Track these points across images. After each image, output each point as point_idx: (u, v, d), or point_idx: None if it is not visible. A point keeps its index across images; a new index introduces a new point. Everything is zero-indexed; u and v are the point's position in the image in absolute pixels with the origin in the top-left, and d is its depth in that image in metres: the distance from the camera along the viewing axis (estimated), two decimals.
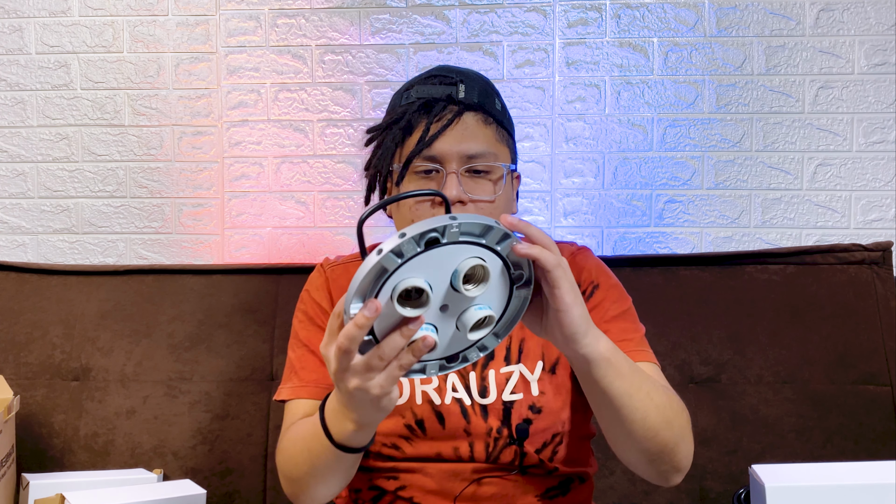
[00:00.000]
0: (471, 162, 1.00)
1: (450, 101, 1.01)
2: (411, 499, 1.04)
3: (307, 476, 0.94)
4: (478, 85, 1.04)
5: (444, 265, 0.69)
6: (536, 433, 1.02)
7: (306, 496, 0.98)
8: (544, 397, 1.03)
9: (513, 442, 1.02)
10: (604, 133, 1.73)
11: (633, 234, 1.72)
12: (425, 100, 1.02)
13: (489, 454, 1.02)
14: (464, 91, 1.02)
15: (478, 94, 1.03)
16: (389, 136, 1.04)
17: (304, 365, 1.07)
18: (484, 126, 1.02)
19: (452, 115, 1.00)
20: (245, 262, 1.74)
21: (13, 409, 1.36)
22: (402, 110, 1.04)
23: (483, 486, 1.03)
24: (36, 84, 1.78)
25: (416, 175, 1.01)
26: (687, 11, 1.71)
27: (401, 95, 1.07)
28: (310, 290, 1.13)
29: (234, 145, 1.77)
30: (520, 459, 1.02)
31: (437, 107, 1.01)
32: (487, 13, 1.73)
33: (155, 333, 1.56)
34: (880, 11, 1.68)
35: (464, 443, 1.02)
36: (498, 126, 1.04)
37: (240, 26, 1.76)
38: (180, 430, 1.50)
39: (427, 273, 0.69)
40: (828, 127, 1.70)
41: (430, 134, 0.99)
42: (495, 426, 1.02)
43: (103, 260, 1.79)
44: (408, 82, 1.09)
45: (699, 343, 1.50)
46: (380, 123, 1.08)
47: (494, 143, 1.02)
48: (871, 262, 1.52)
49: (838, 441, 1.44)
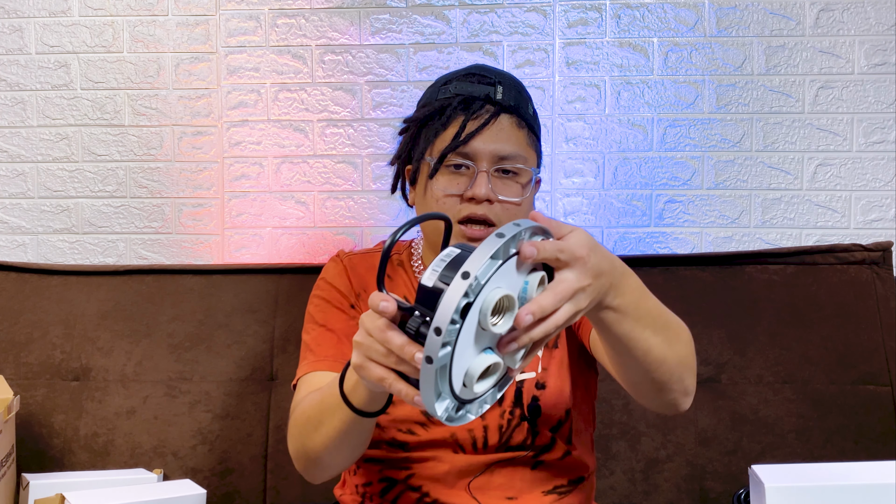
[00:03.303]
0: (502, 163, 1.02)
1: (487, 101, 1.03)
2: (420, 488, 1.05)
3: (320, 445, 0.93)
4: (514, 88, 1.07)
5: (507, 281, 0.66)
6: (547, 409, 1.04)
7: (318, 467, 0.97)
8: (547, 373, 1.06)
9: (524, 419, 1.03)
10: (604, 133, 1.73)
11: (633, 234, 1.72)
12: (464, 97, 1.03)
13: (502, 434, 1.03)
14: (502, 92, 1.04)
15: (514, 97, 1.05)
16: (427, 129, 1.05)
17: (320, 343, 1.07)
18: (518, 129, 1.04)
19: (489, 115, 1.02)
20: (245, 262, 1.74)
21: (13, 409, 1.36)
22: (439, 104, 1.05)
23: (493, 476, 1.04)
24: (36, 84, 1.78)
25: (447, 169, 1.03)
26: (687, 11, 1.71)
27: (437, 89, 1.08)
28: (326, 278, 1.14)
29: (234, 145, 1.77)
30: (532, 438, 1.03)
31: (475, 105, 1.03)
32: (487, 13, 1.73)
33: (155, 333, 1.56)
34: (880, 11, 1.68)
35: (478, 427, 1.04)
36: (529, 130, 1.06)
37: (240, 26, 1.76)
38: (180, 430, 1.50)
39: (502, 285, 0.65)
40: (828, 127, 1.70)
41: (467, 132, 1.01)
42: (508, 408, 1.04)
43: (103, 260, 1.79)
44: (445, 76, 1.10)
45: (699, 343, 1.48)
46: (415, 114, 1.09)
47: (526, 147, 1.05)
48: (871, 262, 1.52)
49: (838, 441, 1.43)
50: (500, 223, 1.02)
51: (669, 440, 1.45)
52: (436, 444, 1.04)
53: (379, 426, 1.05)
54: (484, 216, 1.02)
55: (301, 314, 1.16)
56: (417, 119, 1.08)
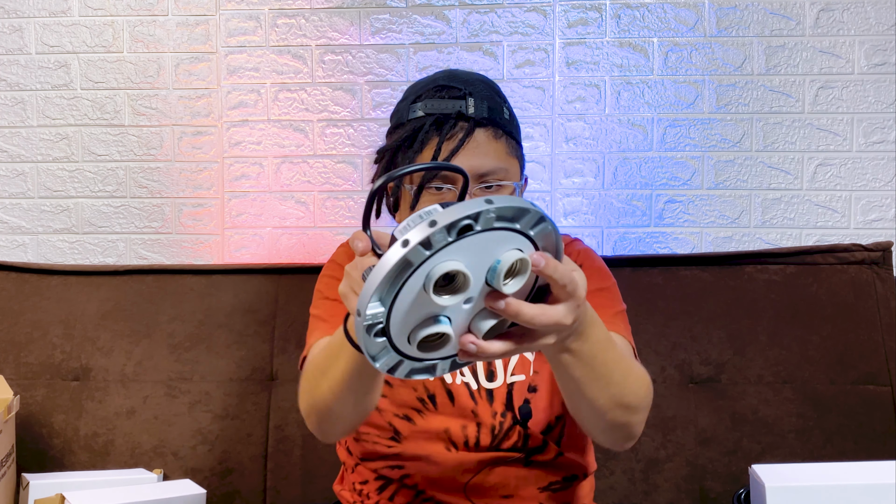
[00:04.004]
0: (483, 180, 1.00)
1: (460, 118, 1.00)
2: (416, 486, 1.05)
3: (328, 390, 0.92)
4: (486, 96, 1.03)
5: (477, 254, 0.62)
6: (538, 413, 1.04)
7: (328, 419, 0.96)
8: (539, 376, 1.06)
9: (516, 423, 1.03)
10: (604, 133, 1.73)
11: (633, 234, 1.72)
12: (435, 116, 1.01)
13: (494, 437, 1.04)
14: (474, 105, 1.01)
15: (487, 107, 1.02)
16: (400, 156, 1.03)
17: (332, 312, 1.08)
18: (495, 141, 1.01)
19: (464, 133, 1.00)
20: (245, 262, 1.74)
21: (13, 409, 1.37)
22: (411, 127, 1.02)
23: (488, 476, 1.04)
24: (36, 84, 1.78)
25: (428, 191, 1.01)
26: (687, 11, 1.71)
27: (408, 107, 1.05)
28: (336, 260, 1.16)
29: (234, 145, 1.77)
30: (523, 441, 1.03)
31: (447, 125, 1.00)
32: (487, 13, 1.73)
33: (155, 333, 1.56)
34: (880, 11, 1.68)
35: (471, 423, 1.04)
36: (508, 137, 1.03)
37: (240, 26, 1.76)
38: (180, 430, 1.50)
39: (461, 259, 0.62)
40: (828, 127, 1.70)
41: (443, 156, 0.99)
42: (500, 410, 1.04)
43: (103, 260, 1.79)
44: (414, 89, 1.07)
45: (699, 343, 1.50)
46: (389, 143, 1.06)
47: (505, 158, 1.02)
48: (871, 262, 1.52)
49: (838, 441, 1.44)
50: None
51: (669, 440, 1.45)
52: (430, 435, 1.04)
53: (378, 409, 1.05)
54: None
55: (301, 314, 1.16)
56: (391, 147, 1.05)
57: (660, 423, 1.47)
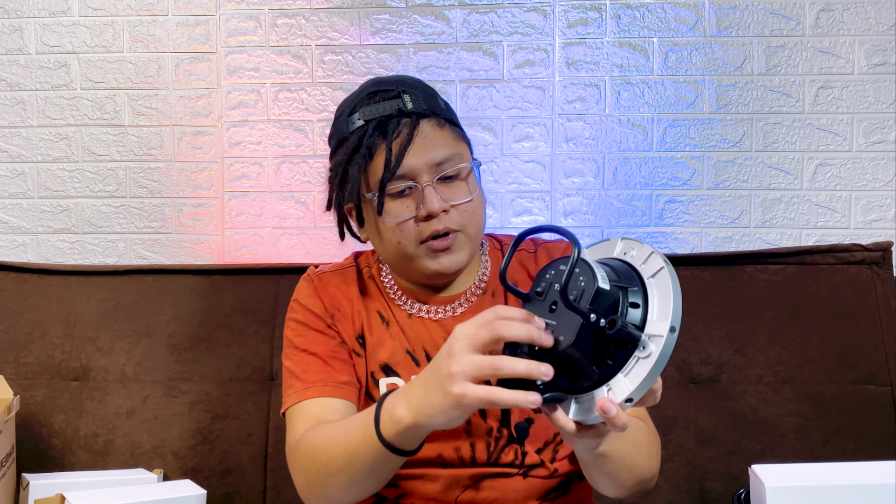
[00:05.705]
0: (441, 169, 1.00)
1: (401, 115, 1.00)
2: None
3: (347, 483, 0.91)
4: (420, 90, 1.04)
5: None
6: (537, 431, 1.03)
7: (324, 497, 0.95)
8: None
9: (512, 441, 1.02)
10: (604, 133, 1.73)
11: (633, 233, 1.72)
12: (377, 120, 1.00)
13: (490, 454, 1.02)
14: (410, 101, 1.01)
15: (423, 99, 1.03)
16: (352, 167, 1.02)
17: (305, 368, 1.06)
18: (440, 129, 1.02)
19: (409, 128, 1.00)
20: (245, 262, 1.74)
21: (13, 409, 1.36)
22: (356, 137, 1.02)
23: (483, 491, 1.02)
24: (36, 84, 1.78)
25: (391, 198, 1.00)
26: (687, 11, 1.71)
27: (345, 122, 1.04)
28: (299, 300, 1.11)
29: (234, 145, 1.77)
30: (521, 459, 1.02)
31: (390, 125, 1.00)
32: (487, 13, 1.73)
33: (155, 333, 1.56)
34: (880, 11, 1.68)
35: (465, 443, 1.02)
36: (450, 124, 1.04)
37: (240, 26, 1.76)
38: (180, 430, 1.50)
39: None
40: (828, 127, 1.70)
41: (395, 154, 0.98)
42: (495, 426, 1.02)
43: (103, 260, 1.79)
44: (345, 105, 1.06)
45: (699, 343, 1.50)
46: (338, 159, 1.05)
47: (455, 143, 1.03)
48: (871, 262, 1.51)
49: (838, 441, 1.43)
50: (462, 228, 1.01)
51: (669, 440, 1.45)
52: (424, 462, 1.02)
53: None
54: (446, 228, 1.00)
55: None
56: (341, 162, 1.03)
57: (660, 423, 1.46)
